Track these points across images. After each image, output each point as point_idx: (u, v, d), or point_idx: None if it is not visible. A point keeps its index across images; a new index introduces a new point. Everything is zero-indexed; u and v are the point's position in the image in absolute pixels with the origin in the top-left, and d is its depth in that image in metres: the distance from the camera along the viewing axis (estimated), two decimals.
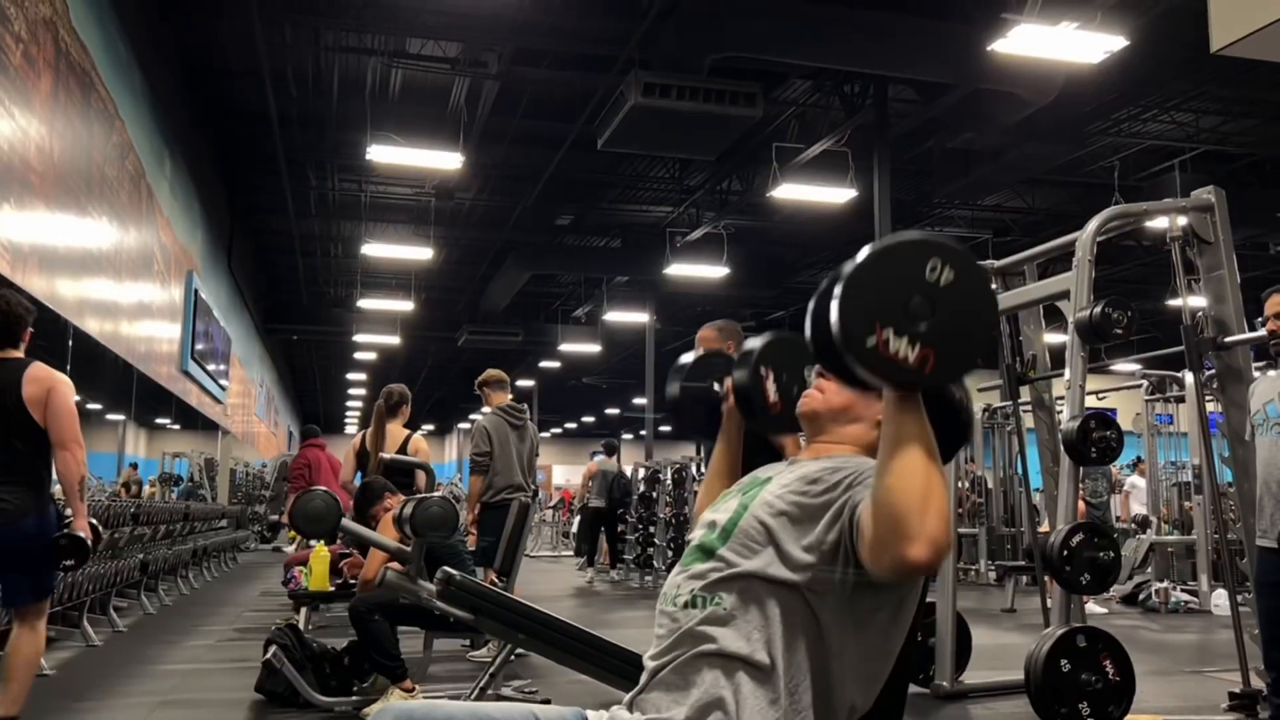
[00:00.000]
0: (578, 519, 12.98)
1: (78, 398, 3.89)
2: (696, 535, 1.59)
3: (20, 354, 3.64)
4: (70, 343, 8.04)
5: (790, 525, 1.46)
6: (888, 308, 1.23)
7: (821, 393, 1.66)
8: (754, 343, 1.73)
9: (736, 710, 1.39)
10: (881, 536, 1.25)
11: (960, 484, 10.58)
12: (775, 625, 1.42)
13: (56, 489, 3.83)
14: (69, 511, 3.70)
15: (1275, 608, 3.32)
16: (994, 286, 1.19)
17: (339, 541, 6.24)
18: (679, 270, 14.74)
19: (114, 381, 11.92)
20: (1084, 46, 7.41)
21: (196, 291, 11.35)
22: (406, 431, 5.64)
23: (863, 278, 1.26)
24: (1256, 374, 4.16)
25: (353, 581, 5.92)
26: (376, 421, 5.50)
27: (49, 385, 3.54)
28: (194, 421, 15.54)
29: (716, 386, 1.89)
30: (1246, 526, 4.08)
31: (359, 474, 5.74)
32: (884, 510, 1.25)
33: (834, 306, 1.25)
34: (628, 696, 1.52)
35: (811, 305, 1.40)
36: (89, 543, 3.60)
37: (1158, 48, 9.19)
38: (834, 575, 1.42)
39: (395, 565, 3.62)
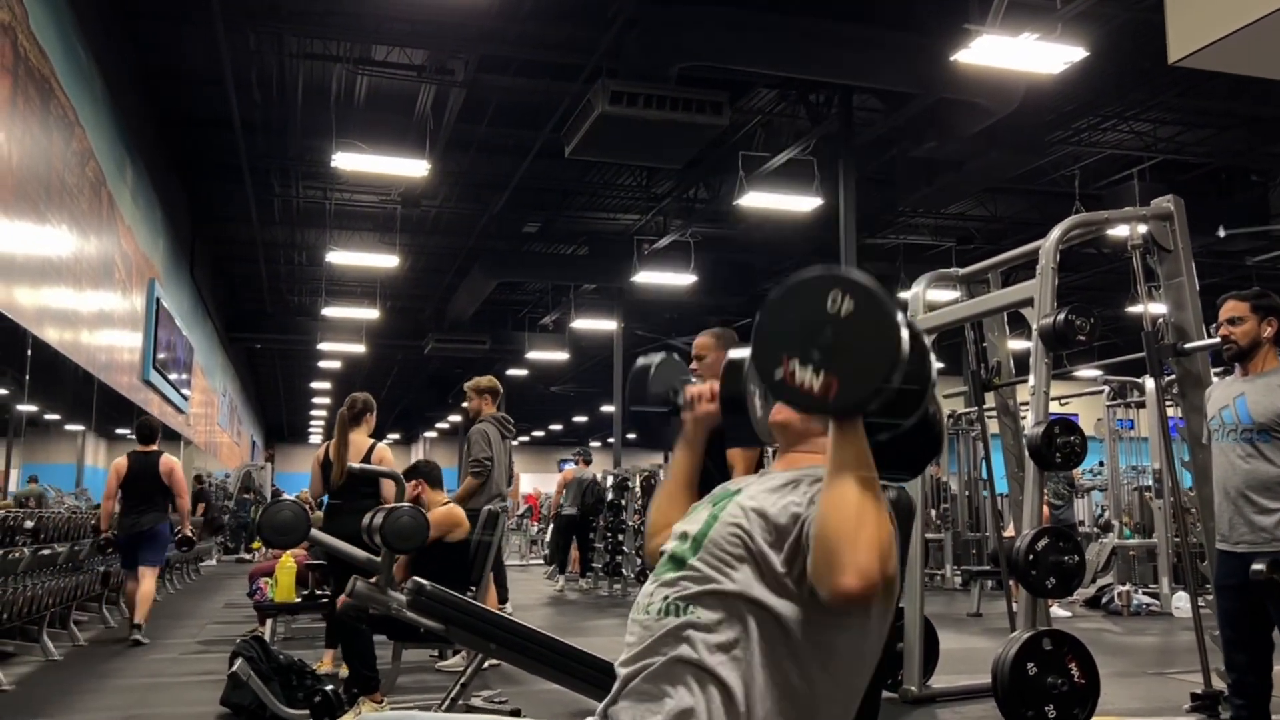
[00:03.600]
0: (550, 528, 12.95)
1: (35, 408, 5.20)
2: (668, 545, 1.59)
3: (156, 447, 7.24)
4: (29, 352, 7.92)
5: (756, 542, 1.46)
6: (792, 340, 1.33)
7: None
8: (742, 353, 1.71)
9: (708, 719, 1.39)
10: (817, 566, 1.32)
11: (925, 492, 10.65)
12: (744, 640, 1.41)
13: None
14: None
15: (1235, 610, 3.37)
16: (899, 317, 1.22)
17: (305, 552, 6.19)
18: (646, 278, 14.76)
19: (74, 391, 11.75)
20: (1044, 57, 7.51)
21: (158, 300, 11.20)
22: (371, 441, 5.55)
23: (770, 315, 1.37)
24: (1215, 379, 4.23)
25: (319, 592, 5.88)
26: (340, 430, 5.39)
27: (171, 467, 7.13)
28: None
29: (674, 395, 1.89)
30: (1206, 530, 4.15)
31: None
32: (819, 541, 1.31)
33: (751, 343, 1.37)
34: (600, 707, 1.51)
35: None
36: (192, 539, 7.99)
37: (1117, 59, 9.35)
38: (799, 599, 1.42)
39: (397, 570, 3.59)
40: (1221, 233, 9.93)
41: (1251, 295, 3.44)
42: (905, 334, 1.30)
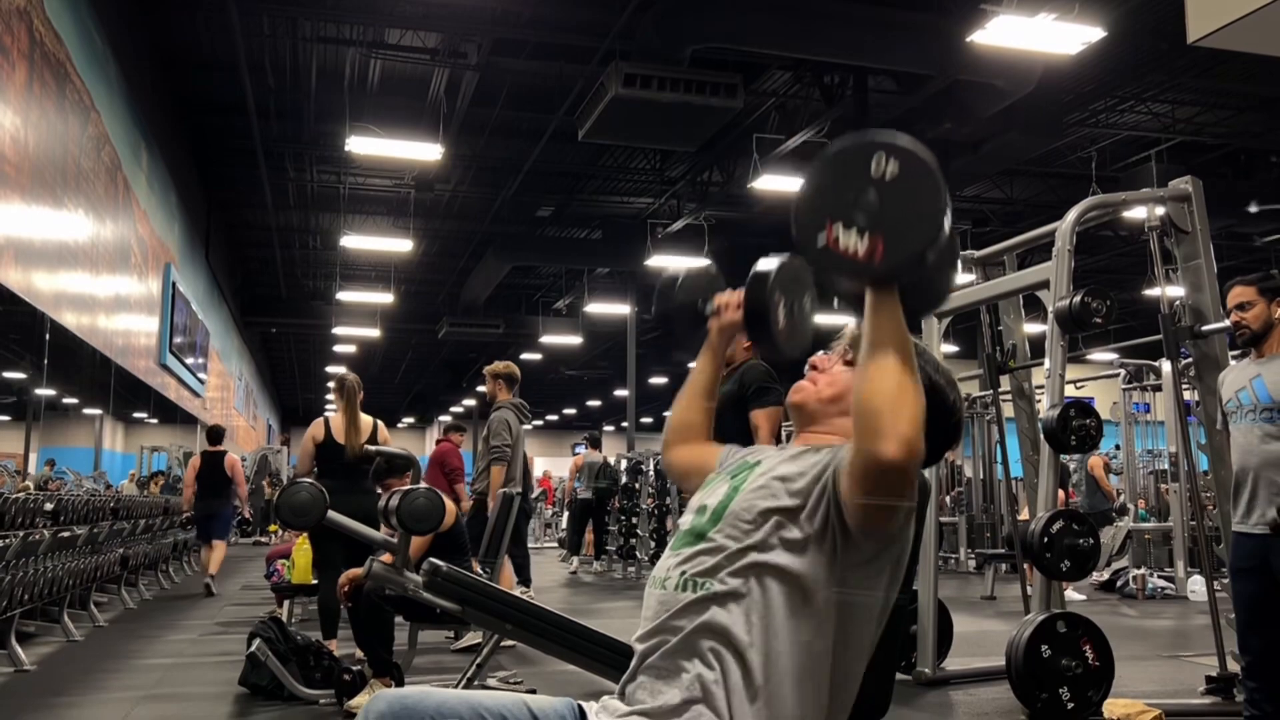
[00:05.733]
0: (566, 514, 13.01)
1: (54, 392, 5.11)
2: (686, 519, 1.59)
3: (223, 448, 9.13)
4: (47, 336, 7.98)
5: (779, 505, 1.47)
6: (836, 204, 1.29)
7: (813, 384, 1.67)
8: (768, 264, 1.72)
9: (725, 697, 1.39)
10: (859, 439, 1.31)
11: (940, 476, 10.65)
12: (765, 610, 1.41)
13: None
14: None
15: (1251, 592, 3.36)
16: (940, 183, 1.26)
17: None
18: (660, 262, 14.74)
19: (91, 375, 11.84)
20: (1062, 37, 7.45)
21: (174, 284, 11.26)
22: (370, 419, 5.45)
23: (813, 181, 1.33)
24: (1233, 362, 4.20)
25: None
26: (350, 406, 5.28)
27: (233, 463, 9.05)
28: (172, 415, 15.44)
29: (702, 304, 1.90)
30: (1223, 512, 4.13)
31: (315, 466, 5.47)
32: (860, 411, 1.31)
33: (792, 211, 1.32)
34: (619, 684, 1.52)
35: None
36: (248, 517, 14.40)
37: (1135, 39, 9.26)
38: (822, 557, 1.42)
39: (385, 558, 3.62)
40: (1253, 208, 9.84)
41: (1257, 279, 3.43)
42: (948, 196, 1.28)
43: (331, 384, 5.52)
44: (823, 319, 1.81)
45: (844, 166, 1.31)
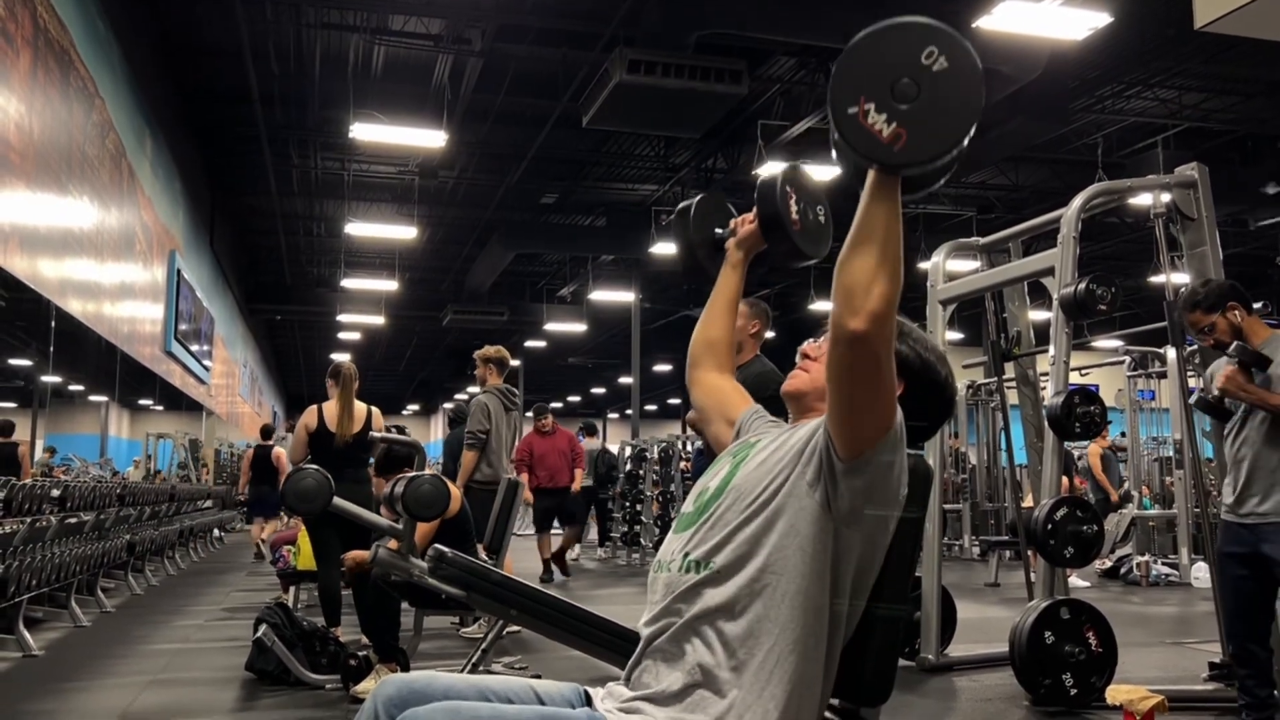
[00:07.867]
0: None
1: (59, 379, 5.11)
2: (690, 501, 1.62)
3: (272, 443, 11.31)
4: (53, 323, 7.99)
5: (777, 472, 1.49)
6: (875, 83, 1.28)
7: (806, 372, 1.68)
8: (778, 168, 1.77)
9: (724, 679, 1.40)
10: (835, 315, 1.36)
11: (946, 469, 10.63)
12: (759, 593, 1.43)
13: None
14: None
15: (1240, 577, 3.38)
16: (981, 92, 1.28)
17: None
18: (664, 249, 14.71)
19: (96, 362, 11.86)
20: (1068, 23, 7.42)
21: (179, 271, 11.27)
22: (365, 406, 5.33)
23: (860, 50, 1.31)
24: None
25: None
26: (344, 396, 5.26)
27: (280, 455, 10.74)
28: (178, 402, 15.47)
29: (719, 230, 1.93)
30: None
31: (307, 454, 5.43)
32: (838, 287, 1.36)
33: (834, 69, 1.32)
34: (626, 669, 1.53)
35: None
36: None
37: (1141, 24, 9.21)
38: (814, 518, 1.44)
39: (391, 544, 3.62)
40: (1253, 225, 9.87)
41: (1202, 301, 3.45)
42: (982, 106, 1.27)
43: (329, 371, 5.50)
44: (816, 309, 1.83)
45: (895, 46, 1.30)
